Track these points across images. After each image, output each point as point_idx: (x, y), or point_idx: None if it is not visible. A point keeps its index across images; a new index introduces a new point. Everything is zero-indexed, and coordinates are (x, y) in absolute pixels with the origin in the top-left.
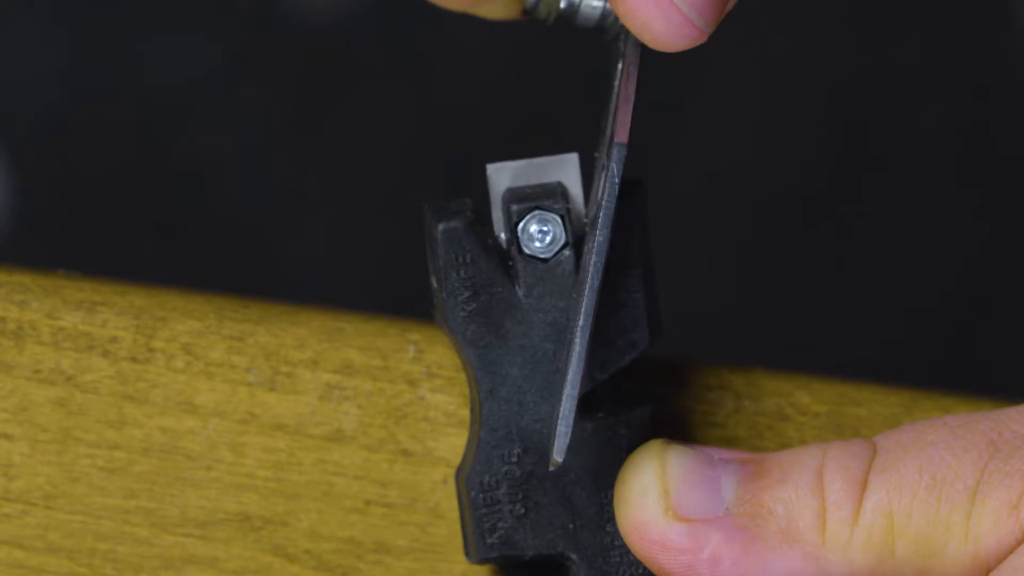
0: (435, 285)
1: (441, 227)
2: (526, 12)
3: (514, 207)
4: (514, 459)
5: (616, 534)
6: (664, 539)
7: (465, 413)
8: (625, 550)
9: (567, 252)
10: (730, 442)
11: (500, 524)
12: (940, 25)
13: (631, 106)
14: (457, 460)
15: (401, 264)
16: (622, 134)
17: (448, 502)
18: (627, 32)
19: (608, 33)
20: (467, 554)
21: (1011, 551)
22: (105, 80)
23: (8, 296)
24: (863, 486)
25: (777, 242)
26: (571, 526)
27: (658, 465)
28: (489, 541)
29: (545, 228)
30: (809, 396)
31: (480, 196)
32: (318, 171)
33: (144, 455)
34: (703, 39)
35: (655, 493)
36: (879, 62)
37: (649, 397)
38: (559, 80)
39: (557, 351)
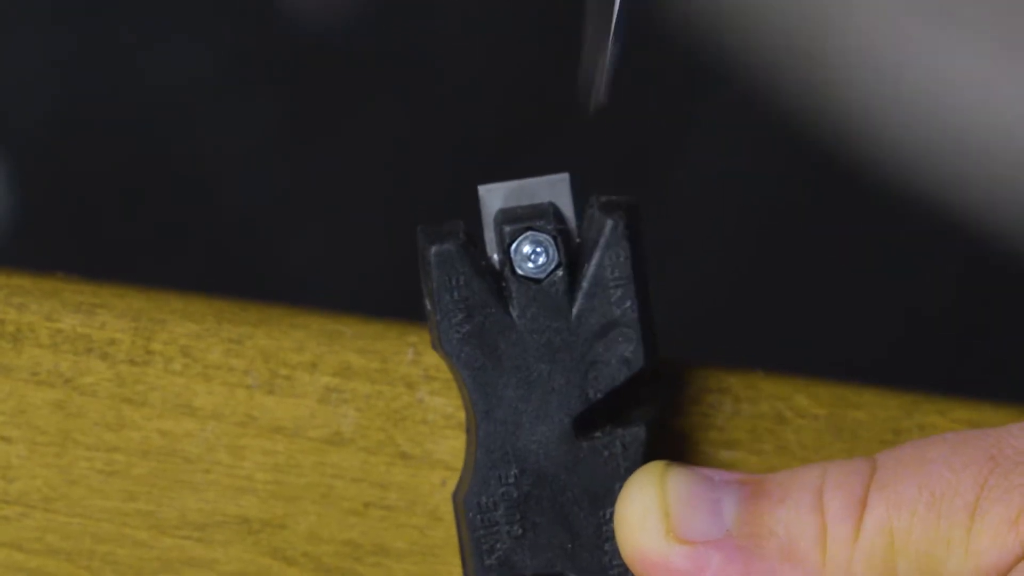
0: (429, 307)
1: (434, 250)
2: None
3: (506, 228)
4: (511, 480)
5: (614, 553)
6: (666, 562)
7: (463, 416)
8: (623, 569)
9: (560, 273)
10: (728, 445)
11: (498, 545)
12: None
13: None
14: (456, 463)
15: (400, 267)
16: None
17: (447, 505)
18: None
19: None
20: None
21: (1011, 567)
22: (105, 81)
23: (7, 299)
24: (863, 504)
25: (776, 244)
26: (569, 546)
27: (658, 487)
28: (487, 563)
29: (538, 249)
30: (808, 399)
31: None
32: (318, 173)
33: (143, 458)
34: None
35: (656, 516)
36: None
37: (646, 415)
38: (559, 82)
39: (552, 372)
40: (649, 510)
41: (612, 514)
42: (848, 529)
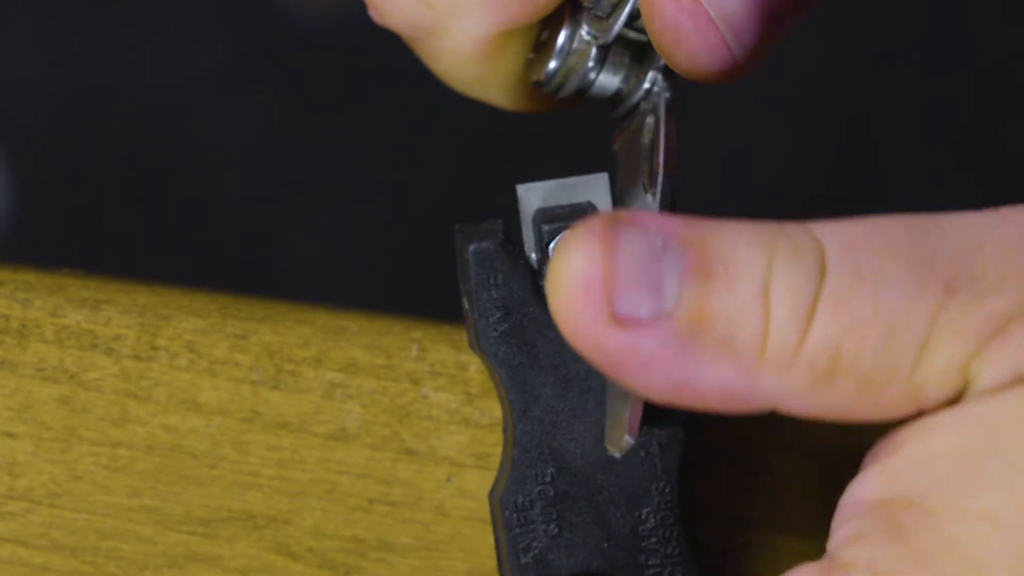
0: (467, 306)
1: (472, 248)
2: (538, 83)
3: (545, 227)
4: (548, 479)
5: (651, 553)
6: (601, 342)
7: (468, 411)
8: (660, 569)
9: None
10: (733, 440)
11: (534, 544)
12: (942, 19)
13: (672, 147)
14: (460, 458)
15: (405, 263)
16: (669, 168)
17: (451, 500)
18: (649, 95)
19: (621, 105)
20: (500, 574)
21: (951, 401)
22: (105, 80)
23: (12, 294)
24: (811, 314)
25: None
26: (605, 545)
27: (604, 260)
28: (523, 561)
29: None
30: None
31: (481, 194)
32: (321, 169)
33: (147, 453)
34: (734, 67)
35: (598, 295)
36: (880, 56)
37: (683, 415)
38: None
39: (589, 371)
40: (591, 285)
41: (649, 514)
42: (793, 338)
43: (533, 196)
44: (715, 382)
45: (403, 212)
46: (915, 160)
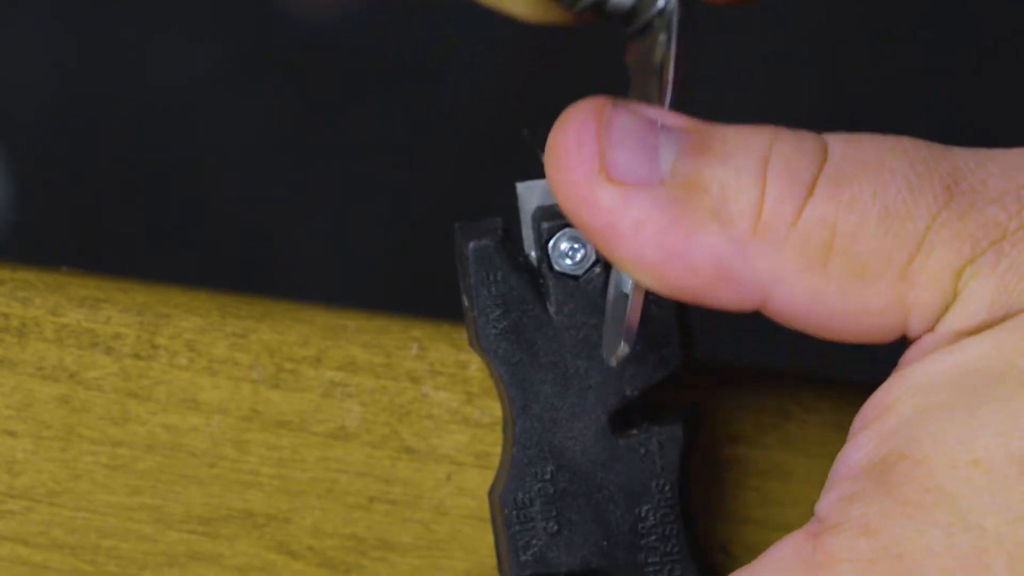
0: (466, 303)
1: (472, 245)
2: None
3: (544, 225)
4: (547, 476)
5: (650, 551)
6: (593, 198)
7: (468, 410)
8: (659, 567)
9: (598, 269)
10: (732, 439)
11: (534, 541)
12: (942, 19)
13: (683, 63)
14: (460, 457)
15: (405, 262)
16: (679, 84)
17: (451, 499)
18: (663, 13)
19: (636, 21)
20: (500, 572)
21: (937, 315)
22: (105, 80)
23: (12, 293)
24: (809, 190)
25: None
26: (604, 543)
27: (597, 122)
28: (523, 558)
29: (575, 246)
30: (812, 393)
31: (481, 194)
32: (321, 169)
33: (147, 452)
34: None
35: (591, 151)
36: (880, 55)
37: (683, 413)
38: (563, 81)
39: (589, 368)
40: (584, 144)
41: (648, 512)
42: (789, 210)
43: (533, 194)
44: (707, 252)
45: (403, 212)
46: None
